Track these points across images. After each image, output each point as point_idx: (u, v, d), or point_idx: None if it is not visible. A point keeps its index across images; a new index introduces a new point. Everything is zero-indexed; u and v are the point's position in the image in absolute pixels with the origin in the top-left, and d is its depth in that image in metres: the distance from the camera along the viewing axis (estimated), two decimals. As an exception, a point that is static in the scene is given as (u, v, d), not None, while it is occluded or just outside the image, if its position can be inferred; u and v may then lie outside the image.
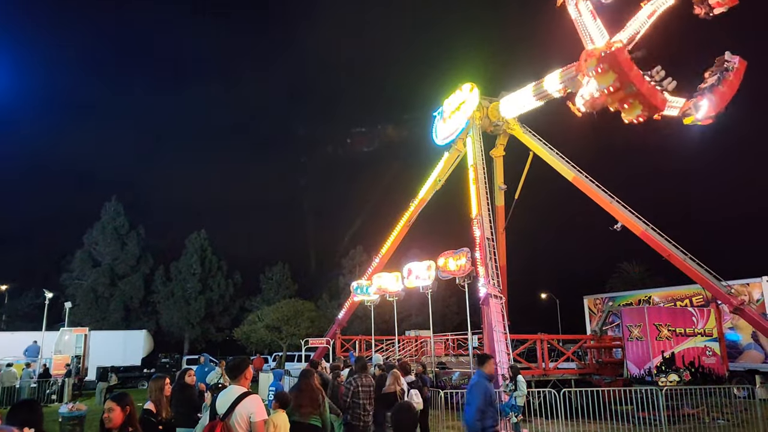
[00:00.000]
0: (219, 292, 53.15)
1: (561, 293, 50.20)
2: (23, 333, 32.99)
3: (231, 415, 4.97)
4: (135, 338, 35.45)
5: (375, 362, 13.23)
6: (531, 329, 22.96)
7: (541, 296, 55.86)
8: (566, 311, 48.38)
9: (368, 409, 8.32)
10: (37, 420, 3.83)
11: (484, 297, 16.32)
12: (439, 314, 44.15)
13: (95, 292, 48.93)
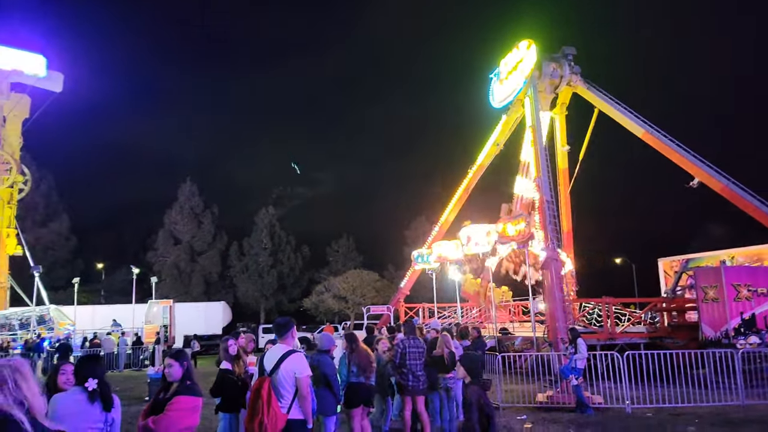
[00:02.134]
0: (289, 265, 55.19)
1: (636, 257, 48.16)
2: (118, 306, 35.85)
3: (277, 371, 5.29)
4: (214, 309, 37.71)
5: (433, 327, 13.45)
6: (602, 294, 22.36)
7: (616, 261, 53.85)
8: (642, 275, 46.47)
9: (417, 369, 8.50)
10: (99, 372, 4.26)
11: (544, 261, 16.04)
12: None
13: (178, 268, 52.18)
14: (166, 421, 4.76)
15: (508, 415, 10.74)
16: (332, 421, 7.03)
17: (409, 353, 8.53)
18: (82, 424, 4.03)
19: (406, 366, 8.47)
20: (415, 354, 8.57)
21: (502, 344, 19.60)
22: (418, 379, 8.52)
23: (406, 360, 8.47)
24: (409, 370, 8.45)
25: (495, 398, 11.77)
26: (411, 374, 8.47)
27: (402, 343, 8.65)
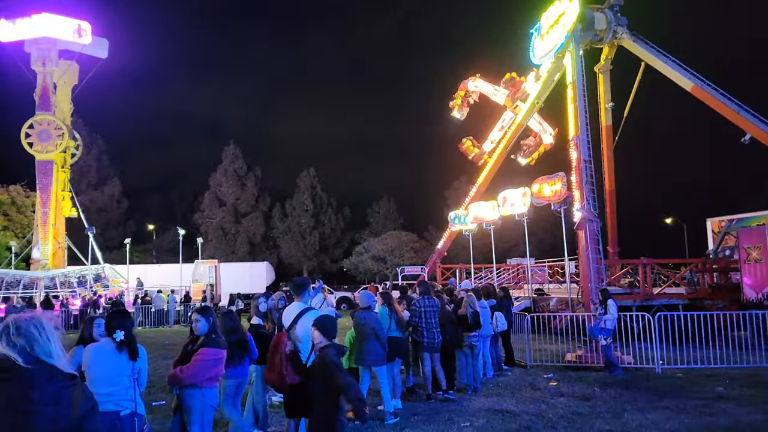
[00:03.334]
0: (330, 226, 56.13)
1: (687, 217, 46.48)
2: (168, 265, 37.50)
3: (294, 327, 5.56)
4: (258, 269, 38.98)
5: (464, 287, 13.56)
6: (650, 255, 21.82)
7: (666, 221, 52.15)
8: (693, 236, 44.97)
9: (433, 327, 8.70)
10: (126, 325, 4.61)
11: (579, 222, 15.74)
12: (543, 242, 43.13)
13: (223, 229, 53.96)
14: (192, 369, 5.13)
15: (536, 374, 10.86)
16: (383, 370, 7.41)
17: (425, 312, 8.72)
18: (112, 370, 4.38)
19: (422, 324, 8.69)
20: (430, 312, 8.77)
21: (537, 305, 19.59)
22: (434, 336, 8.74)
23: (423, 318, 8.69)
24: (425, 328, 8.66)
25: (523, 357, 11.93)
26: (426, 331, 8.69)
27: (419, 303, 8.84)
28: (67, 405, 2.24)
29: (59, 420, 2.18)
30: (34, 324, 2.39)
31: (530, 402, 8.40)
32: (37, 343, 2.35)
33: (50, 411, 2.16)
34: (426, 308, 8.73)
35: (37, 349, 2.34)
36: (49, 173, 31.28)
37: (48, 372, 2.24)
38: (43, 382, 2.19)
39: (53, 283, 27.43)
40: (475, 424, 7.21)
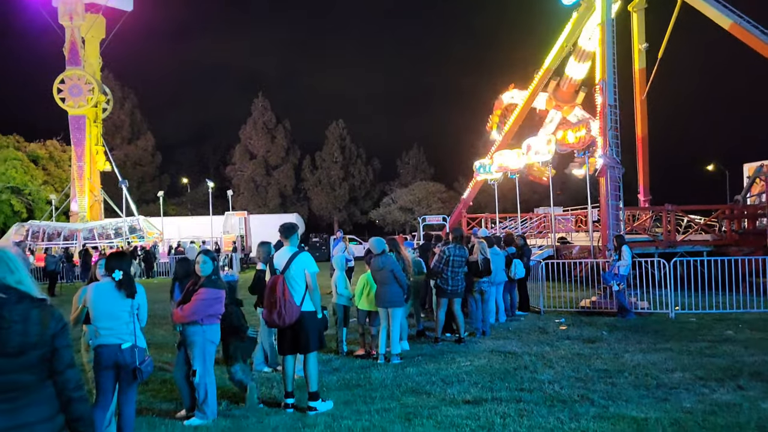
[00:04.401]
0: (360, 178, 56.26)
1: (727, 162, 44.70)
2: (201, 217, 38.57)
3: (288, 269, 5.76)
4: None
5: (480, 234, 13.58)
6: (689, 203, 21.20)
7: (707, 168, 50.29)
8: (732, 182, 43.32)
9: (457, 275, 8.82)
10: (124, 266, 4.87)
11: (600, 168, 15.38)
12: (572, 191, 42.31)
13: (254, 182, 54.75)
14: (192, 308, 5.42)
15: (548, 319, 10.95)
16: (399, 312, 7.65)
17: (454, 260, 8.82)
18: (113, 307, 4.68)
19: (448, 272, 8.81)
20: (459, 262, 8.87)
21: (560, 253, 19.49)
22: (458, 284, 8.87)
23: (450, 266, 8.79)
24: (451, 276, 8.79)
25: (537, 303, 12.02)
26: (452, 279, 8.82)
27: (448, 250, 8.91)
28: (37, 323, 2.46)
29: (28, 335, 2.41)
30: (3, 256, 2.60)
31: (535, 344, 8.53)
32: (9, 271, 2.57)
33: (20, 327, 2.41)
34: (455, 256, 8.83)
35: (8, 278, 2.57)
36: (82, 128, 32.13)
37: (17, 295, 2.48)
38: (12, 303, 2.44)
39: (91, 235, 28.63)
40: (475, 363, 7.39)
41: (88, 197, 31.64)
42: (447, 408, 5.48)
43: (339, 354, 8.13)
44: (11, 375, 2.36)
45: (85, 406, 2.57)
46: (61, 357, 2.50)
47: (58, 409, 2.48)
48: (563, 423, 4.95)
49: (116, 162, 35.47)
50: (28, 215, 36.15)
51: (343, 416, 5.32)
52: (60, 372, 2.49)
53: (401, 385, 6.35)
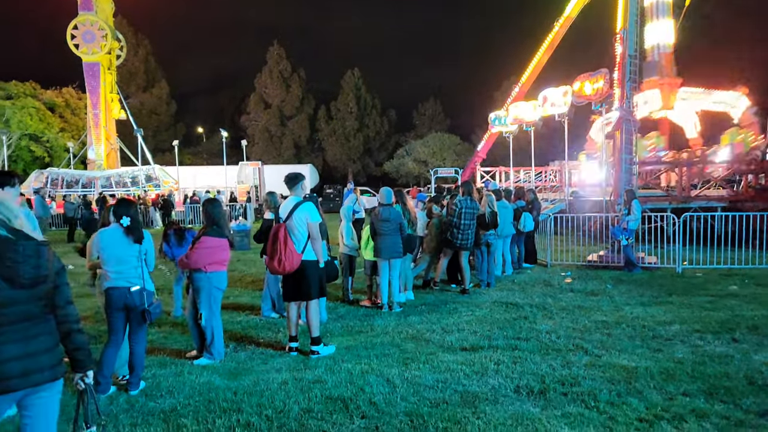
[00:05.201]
0: (375, 129, 55.77)
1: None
2: (216, 167, 38.86)
3: (291, 218, 5.86)
4: (302, 171, 39.63)
5: (490, 188, 13.57)
6: None
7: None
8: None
9: (468, 228, 8.91)
10: (131, 212, 5.01)
11: (616, 121, 15.09)
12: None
13: (269, 132, 54.63)
14: (194, 256, 5.59)
15: (554, 272, 11.04)
16: (399, 262, 7.83)
17: (465, 213, 8.89)
18: (121, 251, 4.84)
19: (460, 225, 8.89)
20: (470, 214, 8.93)
21: (573, 207, 19.40)
22: (467, 238, 8.96)
23: (461, 219, 8.87)
24: (461, 229, 8.87)
25: (545, 257, 12.10)
26: (462, 233, 8.90)
27: (460, 203, 8.97)
28: (47, 259, 2.74)
29: (41, 269, 2.69)
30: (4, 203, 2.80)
31: (538, 296, 8.66)
32: (13, 216, 2.76)
33: (33, 261, 2.68)
34: (467, 209, 8.90)
35: (13, 221, 2.74)
36: (96, 75, 32.08)
37: (25, 236, 2.73)
38: (23, 240, 2.69)
39: (109, 183, 29.08)
40: (476, 313, 7.55)
41: (104, 145, 31.93)
42: (444, 354, 5.66)
43: (345, 302, 8.34)
44: (24, 305, 2.63)
45: (83, 338, 2.88)
46: (63, 292, 2.79)
47: (58, 341, 2.77)
48: (555, 370, 5.10)
49: (131, 110, 35.55)
50: (49, 161, 36.71)
51: (344, 360, 5.53)
52: (62, 306, 2.78)
53: (402, 333, 6.55)
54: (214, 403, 4.45)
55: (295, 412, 4.24)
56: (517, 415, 4.11)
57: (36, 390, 2.68)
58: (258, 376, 5.08)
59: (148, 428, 4.02)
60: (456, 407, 4.27)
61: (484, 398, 4.45)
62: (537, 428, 3.88)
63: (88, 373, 2.90)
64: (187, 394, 4.69)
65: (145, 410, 4.36)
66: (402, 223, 7.88)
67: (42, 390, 2.71)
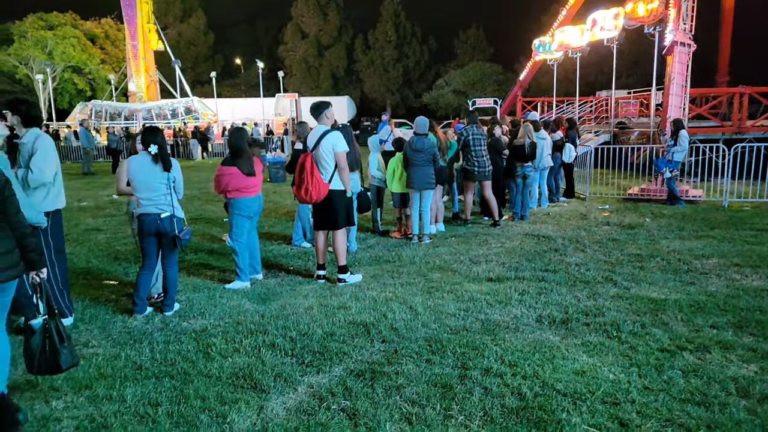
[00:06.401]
0: (414, 59, 54.12)
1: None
2: (254, 99, 38.88)
3: (318, 147, 5.82)
4: (338, 103, 39.36)
5: (530, 118, 13.13)
6: None
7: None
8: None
9: (481, 156, 8.72)
10: (159, 140, 5.07)
11: (669, 45, 14.08)
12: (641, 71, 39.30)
13: (306, 63, 53.83)
14: (215, 182, 5.79)
15: (591, 206, 10.78)
16: (430, 194, 7.76)
17: (473, 140, 8.69)
18: (150, 179, 4.95)
19: (470, 153, 8.72)
20: (478, 140, 8.72)
21: (618, 139, 18.65)
22: (483, 164, 8.78)
23: (470, 146, 8.69)
24: (474, 157, 8.70)
25: (583, 190, 11.78)
26: (476, 160, 8.73)
27: (465, 131, 8.77)
28: None
29: None
30: None
31: (572, 229, 8.50)
32: None
33: None
34: (474, 135, 8.70)
35: None
36: (133, 5, 31.91)
37: None
38: None
39: (150, 115, 29.56)
40: (506, 245, 7.49)
41: (143, 77, 32.22)
42: (469, 284, 5.68)
43: (376, 233, 8.40)
44: None
45: (34, 241, 3.29)
46: (12, 203, 3.15)
47: (14, 245, 3.16)
48: (579, 301, 5.05)
49: (169, 42, 35.49)
50: (92, 94, 37.44)
51: (369, 288, 5.62)
52: (13, 214, 3.16)
53: (429, 263, 6.58)
54: (243, 324, 4.63)
55: (318, 335, 4.37)
56: (536, 342, 4.12)
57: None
58: (285, 301, 5.24)
59: (180, 345, 4.23)
60: (475, 334, 4.31)
61: (505, 326, 4.47)
62: (554, 355, 3.89)
63: (41, 270, 3.32)
64: (218, 316, 4.88)
65: (178, 329, 4.58)
66: (435, 154, 7.78)
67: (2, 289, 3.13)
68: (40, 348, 3.45)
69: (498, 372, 3.65)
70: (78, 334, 4.45)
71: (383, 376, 3.62)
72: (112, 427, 3.09)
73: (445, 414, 3.17)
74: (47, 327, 3.59)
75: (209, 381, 3.63)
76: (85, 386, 3.57)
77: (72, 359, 3.67)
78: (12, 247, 3.14)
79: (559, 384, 3.47)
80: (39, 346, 3.45)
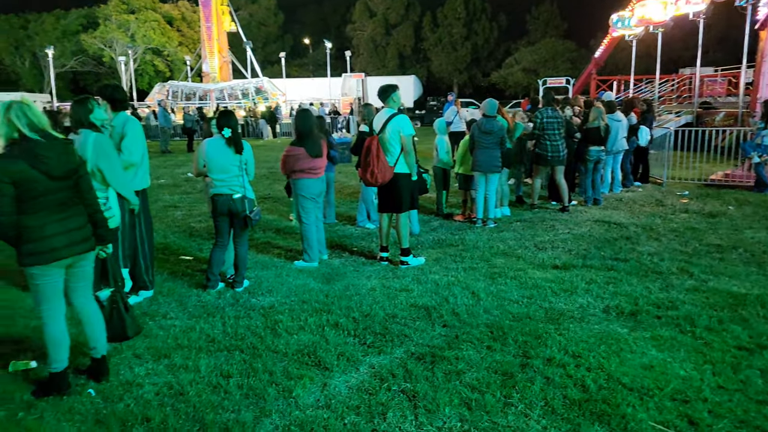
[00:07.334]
0: (484, 36, 52.78)
1: None
2: (321, 79, 39.37)
3: (384, 131, 5.85)
4: (405, 83, 39.16)
5: (605, 97, 12.58)
6: None
7: None
8: None
9: (556, 140, 8.44)
10: (232, 123, 5.27)
11: (763, 19, 13.02)
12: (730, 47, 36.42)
13: (374, 42, 53.76)
14: (282, 163, 5.96)
15: (669, 192, 10.26)
16: (497, 177, 7.67)
17: (548, 123, 8.43)
18: (224, 161, 5.16)
19: (545, 136, 8.46)
20: (553, 124, 8.45)
21: (701, 120, 17.55)
22: (558, 149, 8.51)
23: (545, 130, 8.43)
24: (549, 141, 8.44)
25: (660, 175, 11.20)
26: (550, 144, 8.47)
27: (540, 114, 8.52)
28: (73, 154, 3.34)
29: (70, 163, 3.27)
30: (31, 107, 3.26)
31: (646, 216, 8.13)
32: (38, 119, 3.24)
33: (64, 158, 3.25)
34: (548, 118, 8.43)
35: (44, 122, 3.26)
36: (207, -14, 32.91)
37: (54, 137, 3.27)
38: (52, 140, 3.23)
39: (222, 95, 30.61)
40: (574, 231, 7.28)
41: (217, 58, 33.32)
42: (533, 271, 5.58)
43: (439, 216, 8.39)
44: (60, 193, 3.22)
45: (103, 217, 3.53)
46: (87, 182, 3.39)
47: (87, 220, 3.40)
48: (651, 292, 4.86)
49: (240, 22, 36.39)
50: (170, 75, 39.19)
51: (432, 271, 5.65)
52: (87, 191, 3.38)
53: (493, 248, 6.51)
54: (308, 303, 4.79)
55: (380, 316, 4.46)
56: (602, 333, 4.01)
57: (77, 258, 3.34)
58: (349, 282, 5.35)
59: (249, 321, 4.43)
60: (538, 322, 4.25)
61: (570, 316, 4.38)
62: (621, 347, 3.78)
63: (108, 245, 3.57)
64: (285, 293, 5.07)
65: (247, 305, 4.80)
66: (503, 137, 7.64)
67: (81, 258, 3.39)
68: (108, 317, 3.77)
69: (561, 362, 3.59)
70: (157, 306, 4.76)
71: (443, 361, 3.65)
72: (188, 395, 3.31)
73: (504, 401, 3.17)
74: (114, 298, 3.90)
75: (276, 356, 3.80)
76: (164, 355, 3.83)
77: (135, 328, 4.01)
78: (85, 222, 3.38)
79: (626, 378, 3.38)
80: (107, 315, 3.77)
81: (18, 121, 3.13)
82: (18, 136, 3.13)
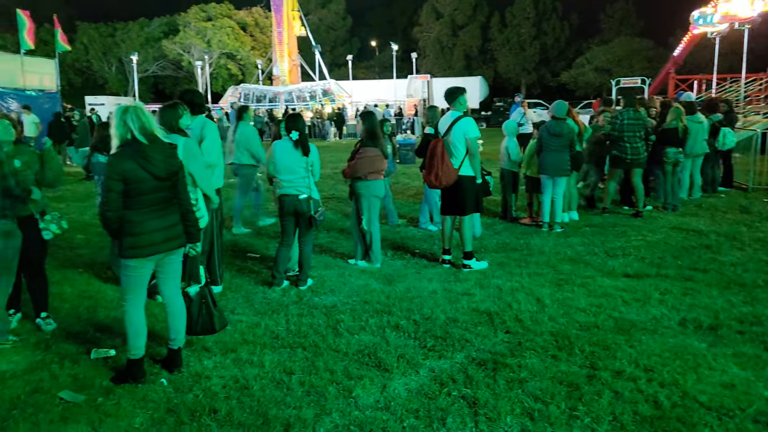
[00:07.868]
0: (554, 35, 51.35)
1: None
2: (387, 81, 39.62)
3: (449, 133, 5.80)
4: (471, 84, 38.69)
5: (684, 98, 11.97)
6: None
7: None
8: None
9: (636, 142, 8.07)
10: (300, 126, 5.39)
11: None
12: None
13: (440, 43, 53.51)
14: (355, 165, 5.92)
15: (755, 198, 9.60)
16: (565, 180, 7.50)
17: (628, 125, 8.07)
18: (291, 162, 5.30)
19: (624, 138, 8.12)
20: (633, 126, 8.08)
21: (792, 121, 16.28)
22: (638, 152, 8.15)
23: (624, 132, 8.08)
24: (629, 143, 8.09)
25: (745, 180, 10.49)
26: (630, 146, 8.12)
27: (621, 115, 8.17)
28: (175, 157, 3.58)
29: (172, 165, 3.51)
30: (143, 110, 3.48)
31: (728, 224, 7.63)
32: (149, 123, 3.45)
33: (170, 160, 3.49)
34: (629, 120, 8.09)
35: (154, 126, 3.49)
36: (279, -7, 33.93)
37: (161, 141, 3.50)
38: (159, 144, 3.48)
39: (291, 97, 31.44)
40: (648, 238, 6.93)
41: (287, 62, 34.28)
42: (603, 279, 5.36)
43: (504, 219, 8.22)
44: (162, 192, 3.46)
45: (194, 216, 3.75)
46: (183, 184, 3.62)
47: (179, 218, 3.61)
48: (733, 306, 4.54)
49: (310, 27, 37.28)
50: (243, 78, 40.71)
51: (495, 275, 5.54)
52: (182, 191, 3.61)
53: (559, 253, 6.31)
54: (369, 304, 4.82)
55: (441, 320, 4.42)
56: (677, 348, 3.79)
57: (170, 253, 3.57)
58: (410, 284, 5.34)
59: (312, 319, 4.52)
60: (607, 333, 4.08)
61: (642, 327, 4.17)
62: (699, 363, 3.56)
63: (197, 244, 3.74)
64: (347, 293, 5.13)
65: (310, 304, 4.89)
66: (573, 139, 7.41)
67: (173, 254, 3.61)
68: (197, 312, 3.92)
69: (631, 376, 3.42)
70: (226, 302, 4.94)
71: (505, 368, 3.57)
72: (252, 389, 3.41)
73: (570, 414, 3.06)
74: (203, 294, 4.05)
75: (337, 355, 3.84)
76: (230, 349, 3.96)
77: (222, 322, 4.14)
78: (178, 220, 3.60)
79: (703, 396, 3.17)
80: (197, 310, 3.93)
81: (132, 124, 3.38)
82: (130, 137, 3.38)
